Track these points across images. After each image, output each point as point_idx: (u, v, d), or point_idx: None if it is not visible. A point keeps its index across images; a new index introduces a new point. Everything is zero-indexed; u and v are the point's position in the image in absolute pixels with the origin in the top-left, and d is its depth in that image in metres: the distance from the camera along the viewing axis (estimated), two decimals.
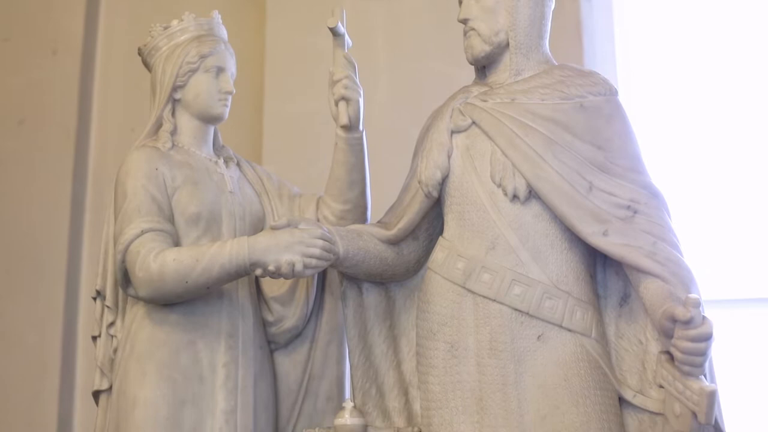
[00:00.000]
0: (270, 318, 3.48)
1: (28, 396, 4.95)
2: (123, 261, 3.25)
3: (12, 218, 5.09)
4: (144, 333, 3.29)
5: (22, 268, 5.05)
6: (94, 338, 3.50)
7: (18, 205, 5.11)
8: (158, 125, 3.48)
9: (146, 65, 3.55)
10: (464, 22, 3.33)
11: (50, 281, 5.02)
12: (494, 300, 3.11)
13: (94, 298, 3.51)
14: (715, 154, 4.90)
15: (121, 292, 3.40)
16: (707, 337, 2.85)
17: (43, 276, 5.02)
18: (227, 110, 3.50)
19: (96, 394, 3.47)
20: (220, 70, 3.48)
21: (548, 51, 3.37)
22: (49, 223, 5.07)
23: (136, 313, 3.33)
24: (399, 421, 3.39)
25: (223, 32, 3.57)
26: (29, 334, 4.98)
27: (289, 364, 3.51)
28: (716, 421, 2.95)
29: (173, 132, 3.46)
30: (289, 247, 3.15)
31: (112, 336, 3.43)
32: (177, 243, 3.28)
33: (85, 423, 4.79)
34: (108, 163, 5.03)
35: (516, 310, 3.10)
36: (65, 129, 5.18)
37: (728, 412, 3.10)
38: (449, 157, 3.25)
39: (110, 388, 3.39)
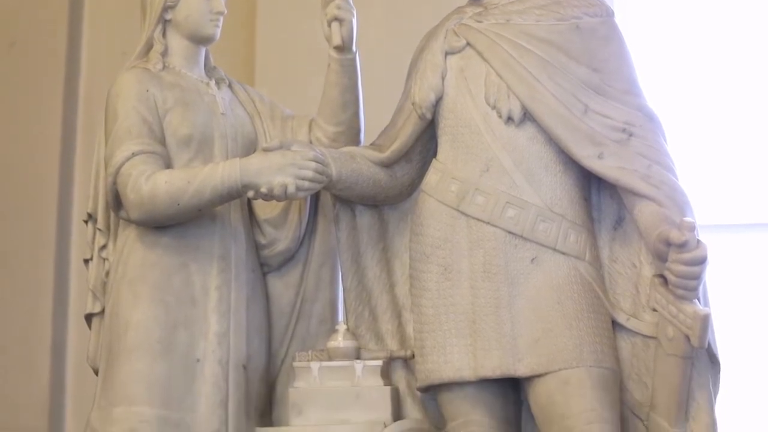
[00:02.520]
0: (263, 241, 3.46)
1: (21, 320, 4.96)
2: (114, 183, 3.23)
3: (2, 141, 5.06)
4: (136, 256, 3.28)
5: (13, 191, 5.03)
6: (86, 261, 3.49)
7: (9, 128, 5.08)
8: (149, 46, 3.43)
9: None
10: None
11: (42, 204, 5.00)
12: (488, 223, 3.10)
13: (86, 221, 3.49)
14: (712, 77, 4.87)
15: (112, 214, 3.39)
16: (701, 261, 2.86)
17: (35, 199, 5.00)
18: (218, 31, 3.45)
19: (88, 318, 3.47)
20: None
21: None
22: (40, 146, 5.04)
23: (128, 236, 3.31)
24: (392, 343, 3.40)
25: None
26: (21, 257, 4.97)
27: (281, 286, 3.50)
28: (709, 344, 2.96)
29: (164, 53, 3.42)
30: (281, 169, 3.14)
31: (104, 259, 3.42)
32: (168, 165, 3.26)
33: (79, 346, 4.79)
34: (99, 86, 4.94)
35: (510, 232, 3.09)
36: (56, 52, 5.14)
37: (721, 336, 3.10)
38: (443, 78, 3.22)
39: (103, 311, 3.38)
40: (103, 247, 3.42)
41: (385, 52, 4.40)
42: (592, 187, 3.23)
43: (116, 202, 3.27)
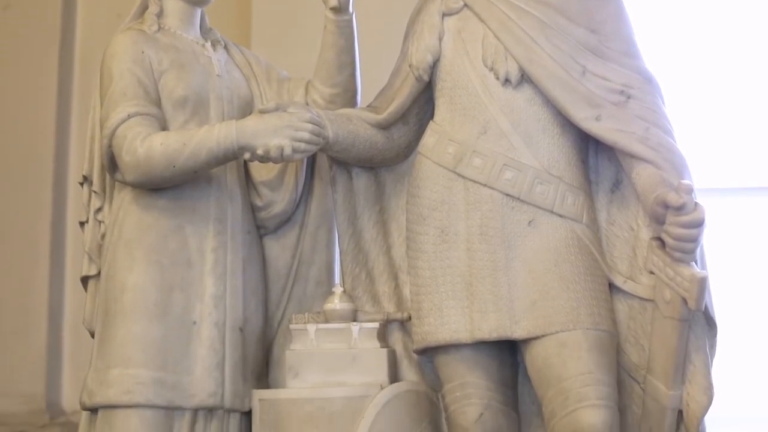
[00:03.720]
0: (259, 203, 3.45)
1: (17, 283, 4.97)
2: (109, 146, 3.22)
3: None
4: (132, 218, 3.27)
5: (9, 154, 5.03)
6: (82, 224, 3.48)
7: (4, 91, 5.07)
8: (144, 8, 3.41)
9: None
10: None
11: (38, 167, 5.00)
12: (485, 185, 3.09)
13: (81, 184, 3.48)
14: (711, 40, 4.86)
15: (108, 177, 3.37)
16: (699, 224, 2.85)
17: (31, 162, 5.01)
18: None
19: (84, 280, 3.46)
20: None
21: None
22: (35, 109, 5.04)
23: (124, 198, 3.30)
24: (389, 306, 3.40)
25: None
26: (18, 220, 4.98)
27: (278, 248, 3.50)
28: (706, 307, 2.96)
29: (159, 14, 3.39)
30: (277, 131, 3.12)
31: (99, 221, 3.41)
32: (164, 127, 3.24)
33: (76, 308, 4.80)
34: (94, 48, 4.93)
35: (507, 195, 3.07)
36: (51, 14, 5.12)
37: (718, 299, 3.10)
38: (440, 40, 3.20)
39: (99, 273, 3.37)
40: (99, 209, 3.41)
41: (382, 13, 4.38)
42: (589, 149, 3.22)
43: (111, 164, 3.25)
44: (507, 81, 3.12)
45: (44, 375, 4.95)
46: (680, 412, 3.01)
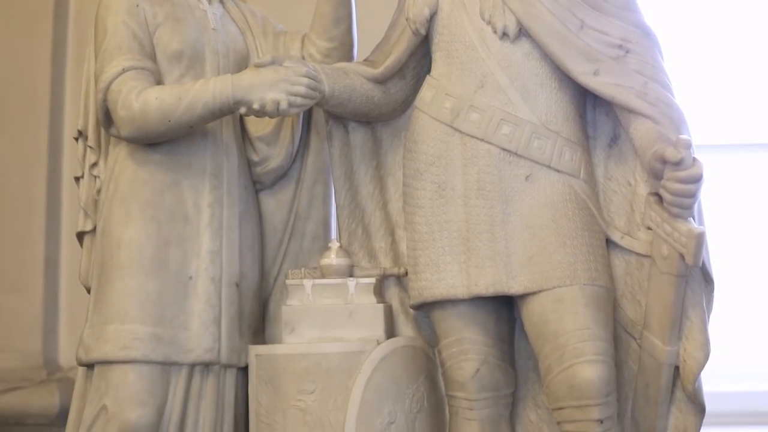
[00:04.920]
0: (255, 158, 3.44)
1: (14, 238, 4.96)
2: (104, 100, 3.20)
3: None
4: (127, 173, 3.25)
5: (3, 108, 5.01)
6: (77, 179, 3.46)
7: None
8: None
9: None
10: None
11: (33, 122, 4.98)
12: (482, 140, 3.07)
13: (76, 139, 3.46)
14: None
15: (103, 131, 3.35)
16: (697, 179, 2.84)
17: (26, 117, 4.99)
18: None
19: (80, 235, 3.45)
20: None
21: None
22: (30, 63, 5.02)
23: (119, 153, 3.29)
24: (385, 261, 3.40)
25: None
26: (13, 176, 4.97)
27: (274, 204, 3.49)
28: (703, 263, 2.95)
29: None
30: (273, 85, 3.10)
31: (95, 177, 3.39)
32: (159, 81, 3.22)
33: (72, 264, 4.80)
34: (89, 1, 4.95)
35: (504, 149, 3.06)
36: None
37: (716, 255, 3.10)
38: None
39: (94, 229, 3.36)
40: (94, 164, 3.39)
41: None
42: (587, 104, 3.21)
43: (107, 118, 3.24)
44: (504, 35, 3.09)
45: (41, 331, 4.95)
46: (677, 368, 3.02)
